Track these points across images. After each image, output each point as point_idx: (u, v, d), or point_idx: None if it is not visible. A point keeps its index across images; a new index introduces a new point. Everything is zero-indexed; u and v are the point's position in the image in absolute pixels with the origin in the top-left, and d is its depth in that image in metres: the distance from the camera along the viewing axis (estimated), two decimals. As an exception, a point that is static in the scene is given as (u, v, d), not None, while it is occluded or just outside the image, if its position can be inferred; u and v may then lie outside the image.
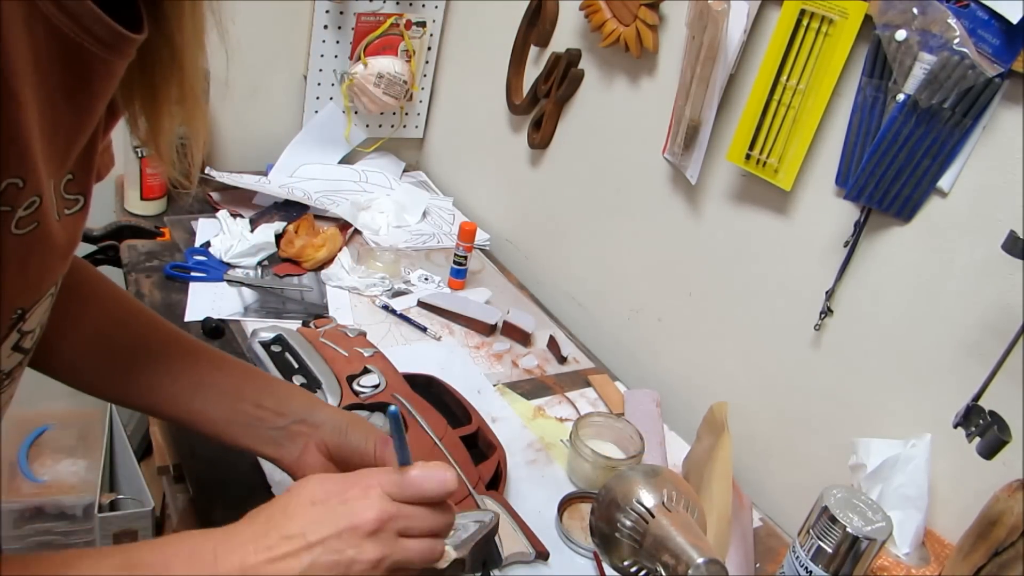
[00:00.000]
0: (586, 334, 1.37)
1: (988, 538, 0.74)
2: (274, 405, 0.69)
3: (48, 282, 0.49)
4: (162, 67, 0.50)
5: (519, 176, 1.53)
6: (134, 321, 0.71)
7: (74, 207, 0.49)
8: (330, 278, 1.31)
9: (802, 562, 0.79)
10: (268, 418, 0.69)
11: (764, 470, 1.09)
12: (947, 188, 0.86)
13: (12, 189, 0.39)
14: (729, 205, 1.11)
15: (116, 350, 0.69)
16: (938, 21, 0.80)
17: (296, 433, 0.69)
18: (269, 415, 0.69)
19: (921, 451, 0.87)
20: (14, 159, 0.38)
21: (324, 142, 1.65)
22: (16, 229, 0.41)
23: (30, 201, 0.41)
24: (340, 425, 0.70)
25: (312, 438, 0.69)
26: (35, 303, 0.48)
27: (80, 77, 0.43)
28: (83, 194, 0.50)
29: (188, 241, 1.34)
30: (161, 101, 0.52)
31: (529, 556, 0.86)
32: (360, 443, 0.69)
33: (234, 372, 0.71)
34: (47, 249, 0.45)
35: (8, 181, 0.39)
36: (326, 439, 0.70)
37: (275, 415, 0.69)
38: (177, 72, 0.51)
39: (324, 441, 0.70)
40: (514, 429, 1.08)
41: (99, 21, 0.41)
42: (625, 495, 0.79)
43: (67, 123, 0.44)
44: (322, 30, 1.55)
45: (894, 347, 0.93)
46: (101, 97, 0.46)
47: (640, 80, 1.23)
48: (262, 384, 0.71)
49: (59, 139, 0.44)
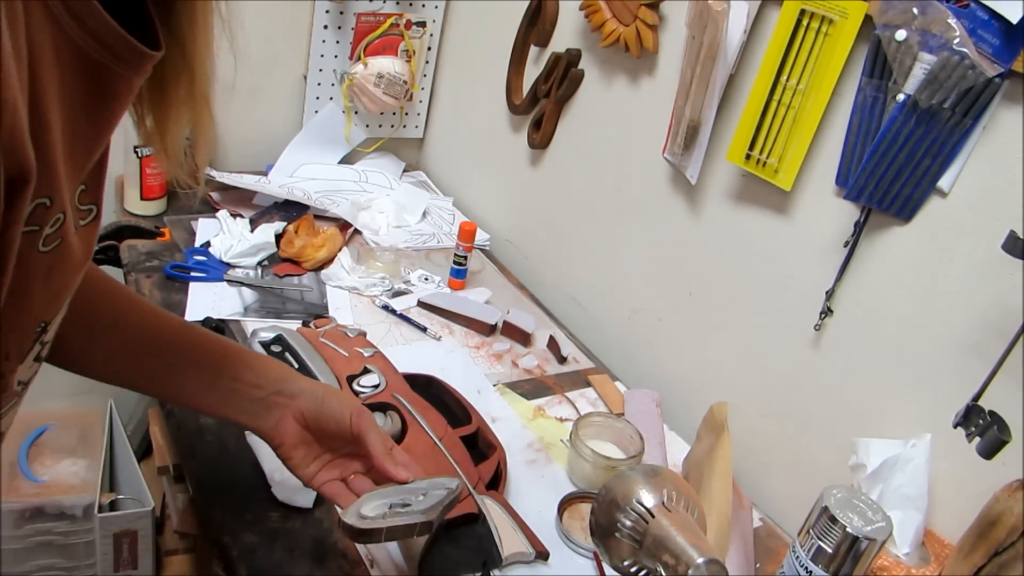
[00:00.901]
0: (586, 334, 1.37)
1: (988, 538, 0.74)
2: (251, 378, 0.71)
3: (67, 294, 0.50)
4: (172, 68, 0.50)
5: (519, 176, 1.53)
6: (111, 298, 0.71)
7: (87, 217, 0.50)
8: (330, 278, 1.31)
9: (802, 562, 0.79)
10: (245, 391, 0.71)
11: (764, 470, 1.09)
12: (947, 188, 0.86)
13: (40, 209, 0.40)
14: (729, 205, 1.11)
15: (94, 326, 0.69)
16: (938, 21, 0.80)
17: (273, 404, 0.71)
18: (246, 388, 0.71)
19: (921, 451, 0.87)
20: (44, 180, 0.39)
21: (324, 142, 1.65)
22: (43, 247, 0.42)
23: (55, 218, 0.42)
24: (317, 395, 0.72)
25: (289, 408, 0.71)
26: (56, 315, 0.50)
27: (101, 94, 0.43)
28: (95, 203, 0.51)
29: (188, 241, 1.34)
30: (169, 101, 0.53)
31: (529, 556, 0.86)
32: (336, 411, 0.71)
33: (211, 348, 0.73)
34: (68, 263, 0.46)
35: (37, 201, 0.39)
36: (303, 408, 0.71)
37: (252, 387, 0.71)
38: (186, 73, 0.51)
39: (301, 410, 0.71)
40: (514, 429, 1.08)
41: (122, 41, 0.42)
42: (625, 495, 0.79)
43: (87, 138, 0.45)
44: (322, 30, 1.55)
45: (894, 347, 0.93)
46: (119, 112, 0.47)
47: (640, 80, 1.23)
48: (239, 358, 0.72)
49: (78, 154, 0.45)
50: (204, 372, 0.71)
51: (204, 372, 0.71)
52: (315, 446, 0.73)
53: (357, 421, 0.71)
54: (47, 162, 0.39)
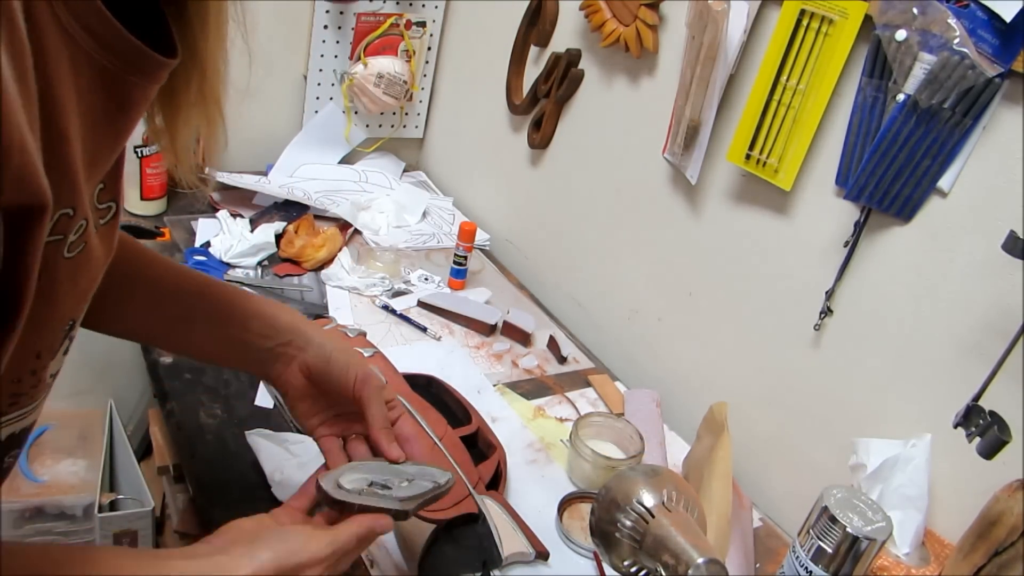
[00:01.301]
0: (586, 334, 1.37)
1: (988, 538, 0.74)
2: (260, 327, 0.71)
3: (92, 291, 0.51)
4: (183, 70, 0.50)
5: (519, 176, 1.53)
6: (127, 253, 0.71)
7: (107, 215, 0.51)
8: (330, 278, 1.31)
9: (802, 562, 0.79)
10: (255, 340, 0.70)
11: (764, 470, 1.09)
12: (947, 188, 0.86)
13: (64, 219, 0.41)
14: (729, 205, 1.11)
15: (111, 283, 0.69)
16: (938, 21, 0.80)
17: (281, 354, 0.71)
18: (255, 337, 0.70)
19: (921, 451, 0.87)
20: (66, 192, 0.40)
21: (324, 142, 1.65)
22: (68, 253, 0.43)
23: (79, 225, 0.43)
24: (324, 351, 0.71)
25: (296, 360, 0.71)
26: (82, 312, 0.51)
27: (119, 103, 0.44)
28: (114, 200, 0.51)
29: (188, 241, 1.34)
30: (180, 103, 0.53)
31: (529, 556, 0.86)
32: (340, 373, 0.70)
33: (221, 297, 0.72)
34: (91, 263, 0.48)
35: (61, 212, 0.41)
36: (309, 362, 0.71)
37: (261, 337, 0.70)
38: (198, 75, 0.52)
39: (307, 364, 0.71)
40: (514, 429, 1.08)
41: (138, 52, 0.43)
42: (625, 495, 0.79)
43: (106, 145, 0.46)
44: (322, 30, 1.55)
45: (894, 347, 0.93)
46: (136, 118, 0.48)
47: (640, 80, 1.23)
48: (248, 307, 0.72)
49: (99, 161, 0.46)
50: (213, 321, 0.71)
51: (213, 321, 0.71)
52: (320, 400, 0.72)
53: (360, 387, 0.70)
54: (68, 175, 0.40)
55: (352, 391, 0.70)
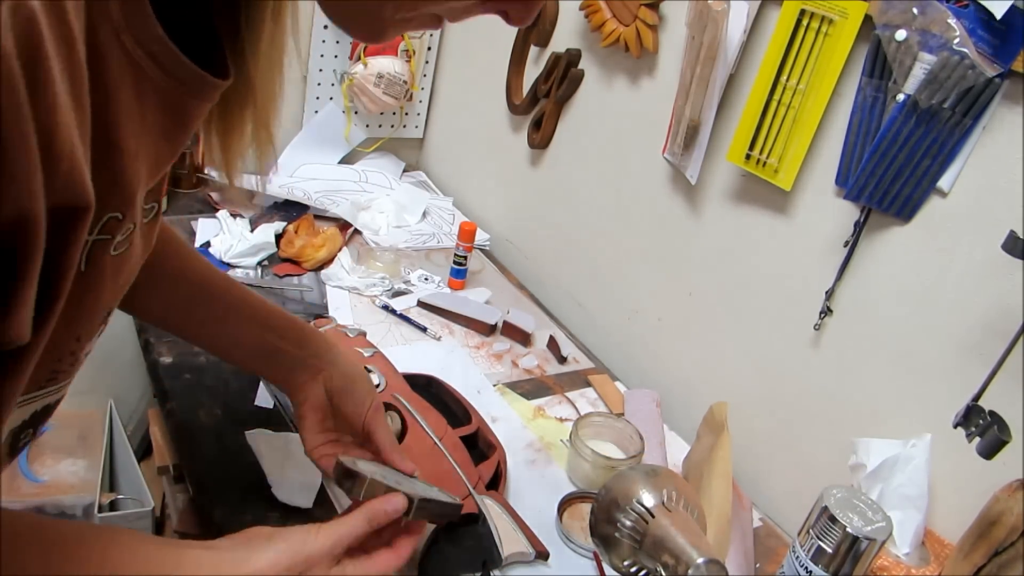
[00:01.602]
0: (586, 334, 1.37)
1: (988, 538, 0.74)
2: (296, 338, 0.76)
3: (130, 283, 0.54)
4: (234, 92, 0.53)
5: (519, 176, 1.53)
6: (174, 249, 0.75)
7: (149, 215, 0.53)
8: (330, 278, 1.31)
9: (802, 562, 0.79)
10: (288, 350, 0.75)
11: (764, 470, 1.09)
12: (947, 188, 0.86)
13: (113, 222, 0.45)
14: (729, 205, 1.11)
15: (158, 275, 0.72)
16: (938, 21, 0.80)
17: (311, 365, 0.75)
18: (290, 346, 0.75)
19: (921, 451, 0.87)
20: (117, 199, 0.44)
21: (324, 142, 1.65)
22: (114, 251, 0.47)
23: (126, 228, 0.47)
24: (348, 377, 0.76)
25: (321, 373, 0.75)
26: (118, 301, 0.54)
27: (177, 121, 0.48)
28: (157, 201, 0.55)
29: (188, 241, 1.33)
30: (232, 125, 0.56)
31: (529, 556, 0.86)
32: (357, 403, 0.75)
33: (259, 306, 0.77)
34: (133, 260, 0.51)
35: (110, 216, 0.44)
36: (333, 381, 0.75)
37: (296, 347, 0.75)
38: (250, 98, 0.54)
39: (332, 380, 0.75)
40: (514, 429, 1.08)
41: (195, 75, 0.47)
42: (625, 495, 0.79)
43: (166, 157, 0.50)
44: (322, 30, 1.55)
45: (894, 347, 0.93)
46: (192, 131, 0.51)
47: (640, 80, 1.23)
48: (285, 319, 0.77)
49: (159, 171, 0.50)
50: (251, 327, 0.75)
51: (251, 327, 0.75)
52: (329, 420, 0.76)
53: (371, 423, 0.74)
54: (119, 183, 0.44)
55: (363, 421, 0.74)
